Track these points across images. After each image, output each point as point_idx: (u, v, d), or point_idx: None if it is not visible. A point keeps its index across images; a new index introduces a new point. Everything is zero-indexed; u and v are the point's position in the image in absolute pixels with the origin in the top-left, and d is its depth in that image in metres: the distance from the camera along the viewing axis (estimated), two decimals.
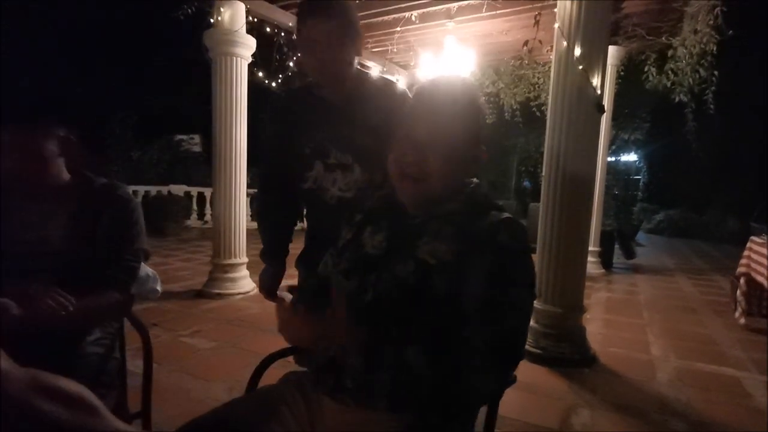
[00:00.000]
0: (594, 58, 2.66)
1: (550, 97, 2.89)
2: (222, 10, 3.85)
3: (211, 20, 3.93)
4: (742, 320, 3.56)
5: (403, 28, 4.79)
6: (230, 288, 4.17)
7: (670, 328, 3.53)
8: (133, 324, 1.31)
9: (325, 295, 0.92)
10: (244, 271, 4.38)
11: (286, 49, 5.22)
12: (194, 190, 9.38)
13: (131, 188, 8.50)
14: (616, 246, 6.22)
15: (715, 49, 4.15)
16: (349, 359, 0.86)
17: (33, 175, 1.17)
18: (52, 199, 1.22)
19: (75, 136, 1.21)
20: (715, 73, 4.38)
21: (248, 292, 4.27)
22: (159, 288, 1.59)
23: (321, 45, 1.22)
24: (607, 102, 4.30)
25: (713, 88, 4.45)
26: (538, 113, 6.48)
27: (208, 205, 9.21)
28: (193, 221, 9.20)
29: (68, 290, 1.09)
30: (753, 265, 3.36)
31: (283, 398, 0.95)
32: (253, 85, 4.43)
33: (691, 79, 4.65)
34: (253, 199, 1.57)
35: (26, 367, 0.54)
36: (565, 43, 2.70)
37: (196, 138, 12.53)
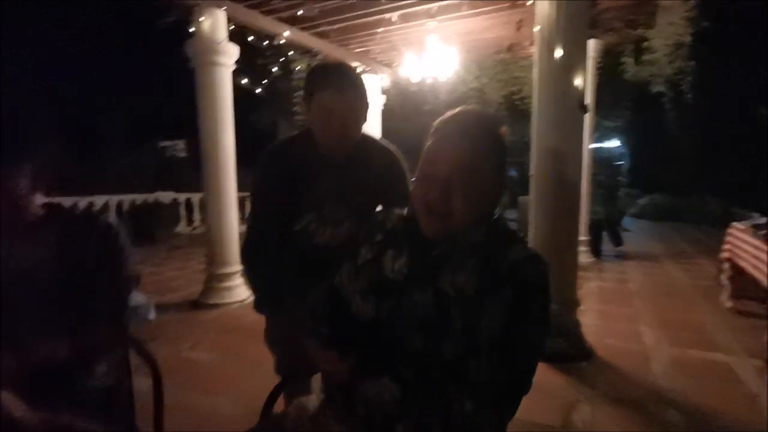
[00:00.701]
0: (575, 58, 2.72)
1: (534, 98, 2.94)
2: (202, 19, 3.81)
3: (192, 30, 3.89)
4: (729, 303, 3.68)
5: (384, 29, 4.80)
6: (226, 297, 4.17)
7: (661, 315, 3.64)
8: (139, 355, 1.31)
9: (343, 317, 0.97)
10: (239, 279, 4.37)
11: (268, 54, 5.22)
12: (182, 196, 9.28)
13: (120, 198, 8.43)
14: (605, 234, 6.33)
15: (690, 40, 4.23)
16: (365, 386, 0.89)
17: (8, 215, 1.14)
18: (31, 237, 1.19)
19: (50, 166, 1.17)
20: (691, 63, 4.47)
21: (244, 300, 4.26)
22: (152, 316, 1.59)
23: (334, 115, 1.24)
24: (588, 94, 4.37)
25: (690, 77, 4.54)
26: (522, 106, 6.56)
27: (196, 211, 9.16)
28: (182, 227, 9.11)
29: (59, 330, 1.07)
30: (735, 250, 3.47)
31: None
32: (238, 89, 4.40)
33: (668, 70, 4.75)
34: (243, 249, 1.55)
35: (40, 410, 0.55)
36: (546, 45, 2.74)
37: (181, 143, 12.40)
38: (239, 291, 4.30)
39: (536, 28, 2.81)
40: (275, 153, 1.42)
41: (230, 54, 4.00)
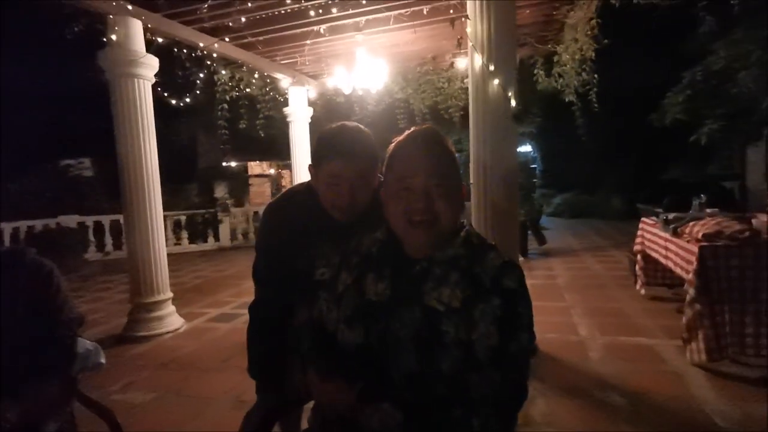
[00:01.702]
0: (507, 72, 2.90)
1: (470, 110, 3.08)
2: (117, 28, 3.52)
3: (105, 39, 3.56)
4: (643, 291, 4.11)
5: (312, 41, 4.76)
6: (157, 327, 3.84)
7: (589, 306, 3.96)
8: (91, 409, 1.16)
9: (334, 350, 0.94)
10: (170, 307, 4.05)
11: (188, 65, 4.93)
12: (89, 220, 8.43)
13: (15, 224, 7.44)
14: (529, 234, 6.76)
15: (593, 55, 4.67)
16: (367, 415, 0.86)
17: None
18: None
19: None
20: (596, 76, 4.94)
21: (178, 329, 3.97)
22: (103, 360, 1.42)
23: (347, 182, 1.17)
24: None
25: (595, 89, 5.01)
26: (446, 116, 6.81)
27: (108, 235, 8.37)
28: (92, 254, 8.28)
29: (2, 393, 0.93)
30: (646, 243, 3.88)
31: None
32: (154, 101, 4.10)
33: (576, 82, 5.20)
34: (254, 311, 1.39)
35: None
36: (479, 62, 2.89)
37: (86, 162, 11.22)
38: (171, 320, 3.99)
39: (470, 44, 2.95)
40: (283, 215, 1.32)
41: (150, 65, 3.73)
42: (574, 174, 13.17)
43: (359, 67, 4.94)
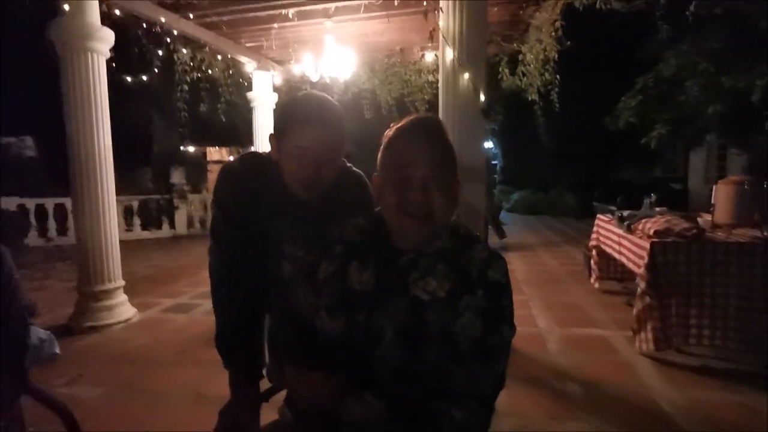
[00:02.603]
0: (476, 67, 2.93)
1: (440, 103, 3.09)
2: None
3: (62, 10, 3.30)
4: (596, 284, 4.31)
5: (280, 25, 4.62)
6: (107, 318, 3.64)
7: (547, 299, 4.11)
8: (44, 404, 1.07)
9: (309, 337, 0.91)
10: (122, 296, 3.85)
11: (145, 41, 4.67)
12: (31, 202, 7.86)
13: None
14: (489, 228, 6.93)
15: (556, 56, 4.81)
16: (348, 406, 0.84)
17: None
18: None
19: None
20: (558, 77, 5.09)
21: (129, 319, 3.78)
22: (57, 350, 1.32)
23: (313, 154, 1.08)
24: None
25: (557, 89, 5.17)
26: (412, 108, 6.83)
27: (51, 220, 7.84)
28: (33, 239, 7.74)
29: None
30: (601, 239, 4.07)
31: None
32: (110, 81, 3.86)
33: (538, 81, 5.34)
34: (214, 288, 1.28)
35: None
36: (450, 56, 2.91)
37: (28, 140, 10.38)
38: (122, 309, 3.79)
39: (441, 38, 2.95)
40: (239, 185, 1.20)
41: (105, 39, 3.49)
42: (531, 172, 13.62)
43: (327, 55, 4.85)
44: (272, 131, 1.14)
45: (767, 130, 6.31)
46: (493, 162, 15.85)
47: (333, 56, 4.86)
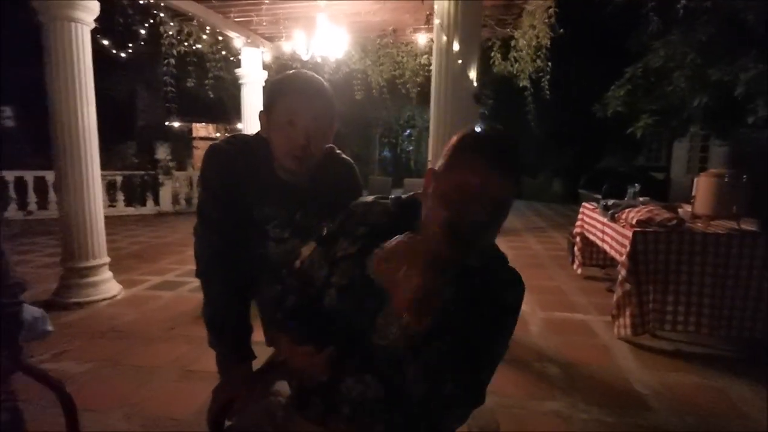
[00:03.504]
0: (470, 52, 2.92)
1: (432, 87, 3.09)
2: None
3: None
4: (579, 270, 4.42)
5: (271, 1, 4.52)
6: (92, 294, 3.61)
7: (531, 283, 4.11)
8: (38, 380, 1.09)
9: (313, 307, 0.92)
10: (107, 273, 3.82)
11: (131, 12, 4.53)
12: (10, 175, 7.64)
13: None
14: None
15: (549, 43, 4.81)
16: (348, 385, 0.87)
17: None
18: None
19: None
20: (549, 63, 5.10)
21: (115, 296, 3.76)
22: (50, 327, 1.33)
23: (304, 125, 1.09)
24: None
25: (548, 76, 5.18)
26: (403, 90, 6.78)
27: (31, 192, 7.67)
28: (12, 212, 7.57)
29: None
30: (586, 226, 4.15)
31: None
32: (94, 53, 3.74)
33: (530, 68, 5.34)
34: (202, 274, 1.27)
35: None
36: (445, 40, 2.89)
37: (7, 110, 10.04)
38: (107, 286, 3.77)
39: (436, 21, 2.93)
40: (224, 155, 1.20)
41: (90, 8, 3.37)
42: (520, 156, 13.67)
43: (319, 34, 4.77)
44: (262, 109, 1.15)
45: (750, 122, 6.42)
46: None
47: (325, 35, 4.78)
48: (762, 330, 2.72)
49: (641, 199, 3.65)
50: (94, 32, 3.58)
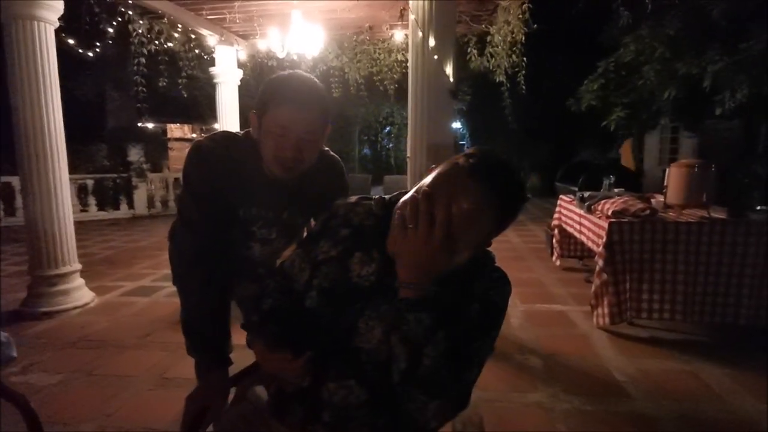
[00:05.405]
0: (445, 47, 2.93)
1: (410, 83, 3.08)
2: None
3: None
4: (558, 262, 4.49)
5: None
6: (62, 303, 3.49)
7: (511, 276, 4.09)
8: (3, 396, 1.04)
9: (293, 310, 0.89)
10: (78, 280, 3.69)
11: (97, 10, 4.39)
12: None
13: None
14: None
15: (523, 39, 4.85)
16: (329, 390, 0.84)
17: None
18: None
19: None
20: (524, 59, 5.15)
21: (87, 303, 3.64)
22: (14, 353, 1.26)
23: (295, 134, 1.05)
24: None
25: (523, 72, 5.23)
26: (381, 87, 6.76)
27: None
28: None
29: None
30: (563, 218, 4.22)
31: None
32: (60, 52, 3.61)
33: (506, 63, 5.39)
34: (176, 277, 1.23)
35: None
36: (420, 35, 2.89)
37: None
38: (79, 294, 3.64)
39: (411, 17, 2.92)
40: (208, 153, 1.15)
41: (54, 7, 3.25)
42: (497, 151, 13.83)
43: (294, 31, 4.71)
44: (254, 109, 1.10)
45: (717, 114, 6.62)
46: (461, 142, 16.05)
47: (300, 32, 4.72)
48: (732, 315, 2.81)
49: (616, 190, 3.72)
50: (58, 31, 3.45)
